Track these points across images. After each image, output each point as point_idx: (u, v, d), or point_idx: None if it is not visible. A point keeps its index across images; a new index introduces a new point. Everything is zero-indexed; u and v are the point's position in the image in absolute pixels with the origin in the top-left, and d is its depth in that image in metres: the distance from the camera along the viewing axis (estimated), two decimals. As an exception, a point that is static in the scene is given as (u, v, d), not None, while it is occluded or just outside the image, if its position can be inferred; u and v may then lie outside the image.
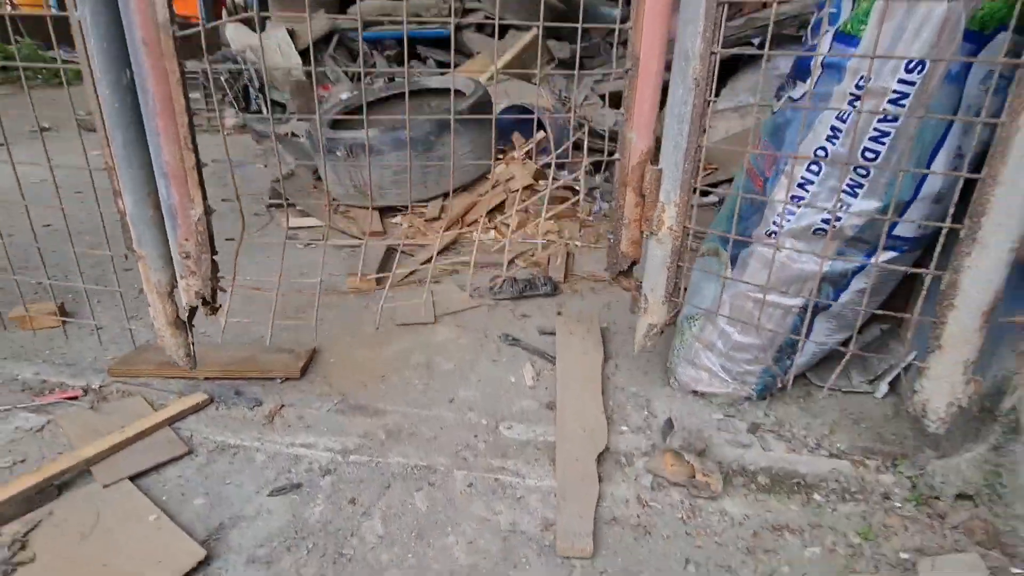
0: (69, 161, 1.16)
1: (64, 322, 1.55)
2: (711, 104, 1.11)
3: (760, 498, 1.14)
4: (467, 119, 2.50)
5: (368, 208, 2.54)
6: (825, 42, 1.15)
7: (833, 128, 1.12)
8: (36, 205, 1.26)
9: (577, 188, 2.82)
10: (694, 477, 1.15)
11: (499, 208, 2.56)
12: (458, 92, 2.79)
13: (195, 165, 1.03)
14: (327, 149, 2.44)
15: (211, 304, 1.17)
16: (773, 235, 1.23)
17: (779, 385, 1.37)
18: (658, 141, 1.21)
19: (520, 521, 1.08)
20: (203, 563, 0.96)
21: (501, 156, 2.78)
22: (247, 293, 1.46)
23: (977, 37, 0.98)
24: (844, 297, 1.25)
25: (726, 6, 1.02)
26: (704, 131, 1.14)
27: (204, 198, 1.08)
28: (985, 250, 0.91)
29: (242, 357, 1.45)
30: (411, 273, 2.10)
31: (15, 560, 0.93)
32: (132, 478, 1.12)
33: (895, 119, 1.04)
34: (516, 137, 2.88)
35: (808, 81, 1.19)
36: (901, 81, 1.01)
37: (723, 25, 1.05)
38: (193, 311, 1.20)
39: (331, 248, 2.31)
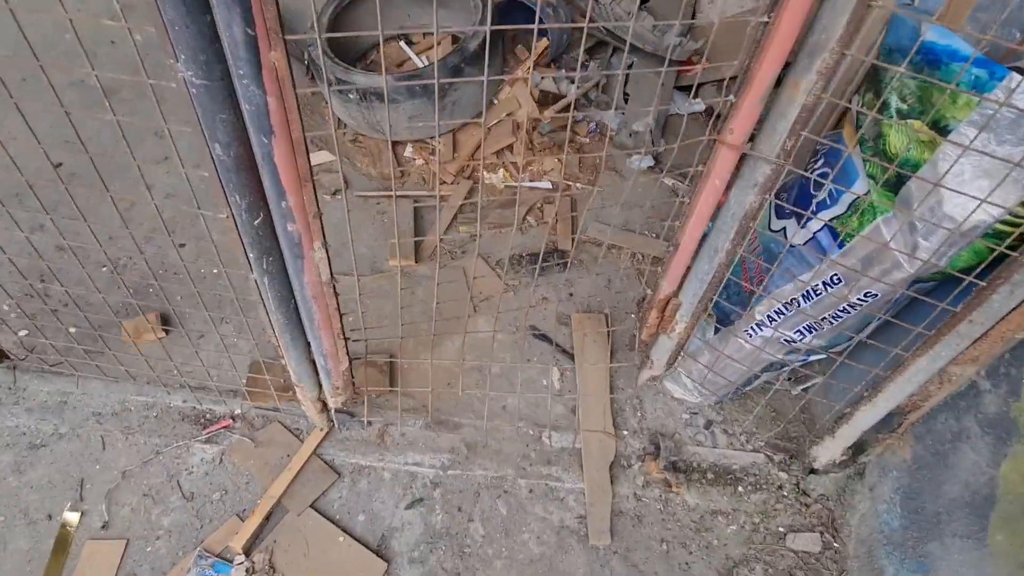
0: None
1: (166, 332, 1.90)
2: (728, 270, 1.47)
3: (706, 490, 1.85)
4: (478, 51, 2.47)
5: (382, 140, 2.64)
6: (816, 226, 1.47)
7: (807, 292, 1.52)
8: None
9: (580, 102, 2.92)
10: (668, 481, 1.83)
11: (508, 146, 2.71)
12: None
13: (345, 348, 1.37)
14: (337, 91, 2.42)
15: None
16: (750, 334, 1.71)
17: (729, 399, 1.99)
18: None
19: (565, 518, 1.76)
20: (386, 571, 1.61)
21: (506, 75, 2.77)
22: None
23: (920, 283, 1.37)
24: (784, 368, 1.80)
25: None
26: (719, 287, 1.52)
27: (348, 354, 1.43)
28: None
29: (341, 378, 1.90)
30: (441, 241, 2.41)
31: (275, 580, 1.54)
32: (311, 504, 1.68)
33: (848, 311, 1.47)
34: (519, 51, 2.82)
35: (798, 234, 1.53)
36: (863, 296, 1.41)
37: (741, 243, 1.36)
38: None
39: (358, 200, 2.50)
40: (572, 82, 2.94)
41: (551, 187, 2.67)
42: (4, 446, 1.69)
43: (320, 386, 1.55)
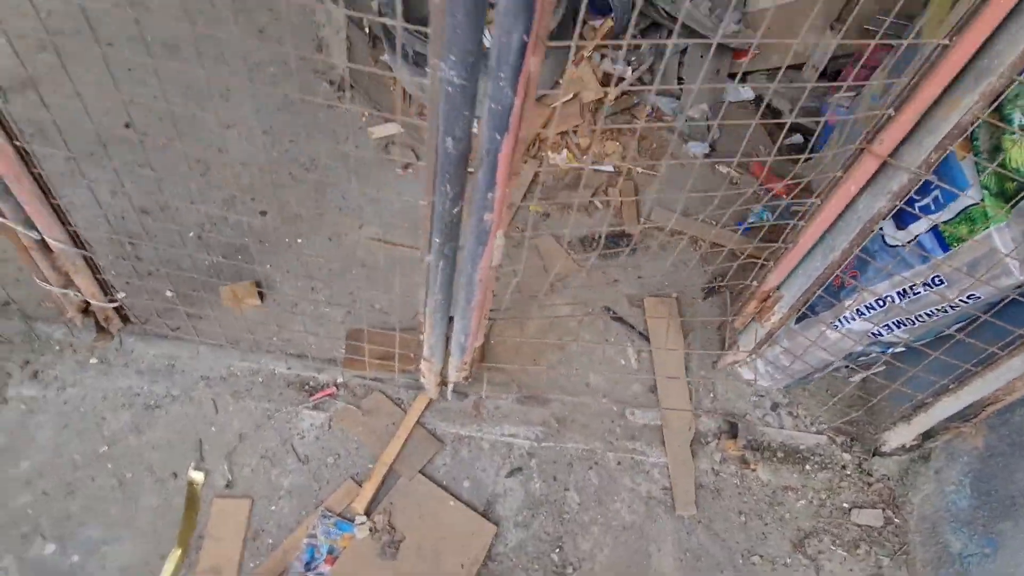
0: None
1: (261, 295, 1.94)
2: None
3: (777, 468, 1.99)
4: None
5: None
6: (922, 227, 1.57)
7: (904, 290, 1.64)
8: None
9: (636, 85, 2.96)
10: (744, 458, 1.96)
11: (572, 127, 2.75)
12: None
13: (486, 327, 1.43)
14: (414, 64, 2.42)
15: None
16: (836, 325, 1.82)
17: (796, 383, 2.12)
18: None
19: (651, 490, 1.88)
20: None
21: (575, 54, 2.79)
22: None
23: None
24: (861, 358, 1.93)
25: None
26: (824, 284, 1.62)
27: (484, 334, 1.50)
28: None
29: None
30: (512, 218, 2.46)
31: (397, 540, 1.63)
32: (420, 470, 1.77)
33: (945, 311, 1.58)
34: (588, 29, 2.83)
35: (899, 235, 1.64)
36: (965, 298, 1.53)
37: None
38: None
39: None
40: (628, 64, 2.97)
41: (613, 170, 2.73)
42: (121, 406, 1.72)
43: (446, 361, 1.62)
